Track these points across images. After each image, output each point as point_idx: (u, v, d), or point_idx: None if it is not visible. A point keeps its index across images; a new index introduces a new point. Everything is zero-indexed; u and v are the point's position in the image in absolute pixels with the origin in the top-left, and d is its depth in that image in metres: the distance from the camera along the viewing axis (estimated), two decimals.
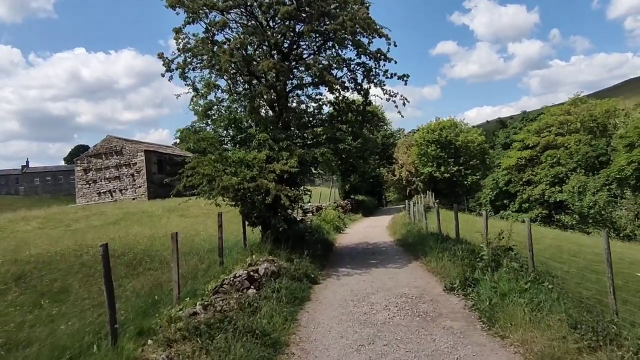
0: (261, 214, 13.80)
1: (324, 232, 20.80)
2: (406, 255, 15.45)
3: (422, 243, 15.92)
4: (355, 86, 15.53)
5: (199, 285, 10.05)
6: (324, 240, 17.75)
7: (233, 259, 12.34)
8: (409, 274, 12.19)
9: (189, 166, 13.67)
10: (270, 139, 12.99)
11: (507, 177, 59.80)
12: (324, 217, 25.40)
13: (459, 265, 10.91)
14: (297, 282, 10.61)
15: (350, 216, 32.95)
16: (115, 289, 11.34)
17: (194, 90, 14.20)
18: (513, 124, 73.23)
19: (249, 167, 12.89)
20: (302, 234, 15.76)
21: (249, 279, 9.47)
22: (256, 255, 12.30)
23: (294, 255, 13.39)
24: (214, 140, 13.70)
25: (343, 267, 13.80)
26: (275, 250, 13.31)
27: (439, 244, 14.05)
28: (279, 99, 14.38)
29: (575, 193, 41.39)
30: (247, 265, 11.07)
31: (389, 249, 17.51)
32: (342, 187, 38.77)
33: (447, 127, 46.11)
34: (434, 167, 45.26)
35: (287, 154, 12.80)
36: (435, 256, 12.88)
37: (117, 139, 45.94)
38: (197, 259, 13.04)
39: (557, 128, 55.68)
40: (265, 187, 12.26)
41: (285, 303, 8.84)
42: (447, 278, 10.62)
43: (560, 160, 52.67)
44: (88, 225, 26.60)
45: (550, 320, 6.55)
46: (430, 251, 13.66)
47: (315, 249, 14.83)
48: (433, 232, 18.01)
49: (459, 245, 13.13)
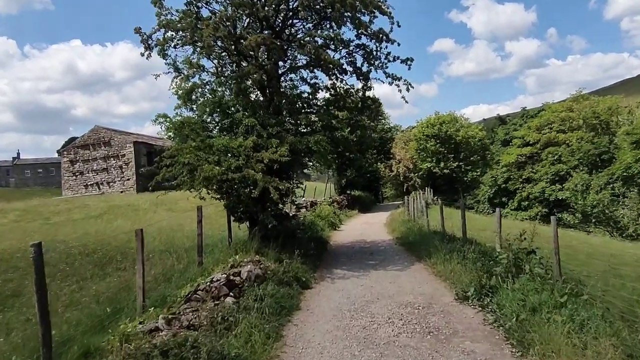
0: (248, 208, 12.40)
1: (319, 228, 19.41)
2: (408, 256, 14.08)
3: (425, 242, 14.56)
4: (354, 70, 14.11)
5: (171, 290, 8.65)
6: (318, 238, 16.34)
7: (214, 258, 10.95)
8: (412, 277, 10.80)
9: (168, 154, 12.25)
10: (258, 124, 11.56)
11: (506, 174, 58.56)
12: (319, 212, 24.01)
13: (471, 270, 9.53)
14: (286, 287, 9.20)
15: (346, 212, 31.57)
16: (75, 292, 10.00)
17: (176, 70, 12.74)
18: (513, 121, 71.96)
19: (235, 156, 11.48)
20: (294, 231, 14.34)
21: (228, 285, 8.05)
22: (241, 255, 10.92)
23: (284, 254, 12.02)
24: (197, 125, 12.23)
25: (338, 269, 12.42)
26: (263, 249, 11.92)
27: (445, 244, 12.69)
28: (269, 81, 12.94)
29: (579, 191, 40.12)
30: (229, 267, 9.67)
31: (389, 249, 16.13)
32: (338, 181, 37.35)
33: (447, 121, 44.66)
34: (433, 162, 43.85)
35: (277, 141, 11.39)
36: (442, 258, 11.51)
37: (105, 130, 44.23)
38: (175, 258, 11.65)
39: (559, 125, 54.44)
40: (252, 178, 10.85)
41: (269, 314, 7.43)
42: (457, 284, 9.25)
43: (562, 157, 51.44)
44: (68, 218, 25.10)
45: (599, 346, 5.17)
46: (435, 252, 12.29)
47: (307, 248, 13.45)
48: (436, 230, 16.68)
49: (468, 246, 11.78)
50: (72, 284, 10.11)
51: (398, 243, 17.25)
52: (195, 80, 12.66)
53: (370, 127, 31.93)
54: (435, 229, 16.86)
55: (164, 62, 12.63)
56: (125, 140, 42.72)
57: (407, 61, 14.26)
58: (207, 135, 12.14)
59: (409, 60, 14.26)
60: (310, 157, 14.84)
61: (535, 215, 51.06)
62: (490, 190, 58.49)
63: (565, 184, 49.73)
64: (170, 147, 12.35)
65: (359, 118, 14.99)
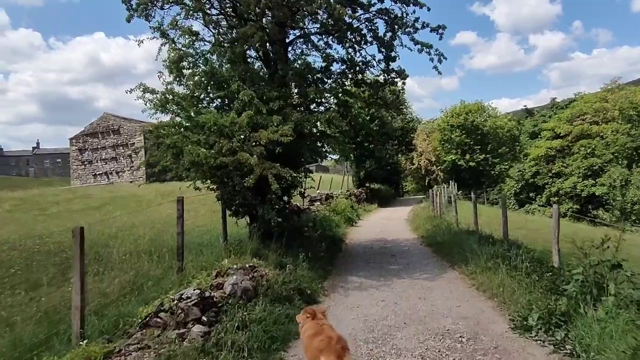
0: (245, 201, 10.29)
1: (333, 225, 17.21)
2: (437, 260, 11.82)
3: (457, 244, 12.27)
4: (375, 37, 11.86)
5: (133, 307, 6.59)
6: (331, 237, 14.08)
7: (200, 263, 8.87)
8: (447, 291, 8.55)
9: (153, 135, 10.24)
10: (257, 98, 9.39)
11: (534, 168, 55.58)
12: (334, 207, 21.80)
13: (527, 286, 7.27)
14: (284, 305, 7.05)
15: (365, 206, 29.30)
16: (18, 305, 8.03)
17: (162, 36, 10.66)
18: (541, 112, 68.46)
19: (228, 137, 9.36)
20: (302, 229, 12.15)
21: (203, 304, 5.92)
22: (233, 258, 8.84)
23: (288, 257, 9.94)
24: (185, 101, 10.11)
25: (354, 276, 10.26)
26: (262, 251, 9.84)
27: (485, 247, 10.40)
28: (273, 46, 10.79)
29: (617, 187, 37.12)
30: (214, 275, 7.59)
31: (413, 250, 13.87)
32: (356, 174, 34.99)
33: (474, 111, 41.77)
34: (457, 154, 41.07)
35: (280, 118, 9.20)
36: (483, 266, 9.24)
37: (115, 117, 42.57)
38: (156, 261, 9.61)
39: (592, 116, 51.22)
40: (247, 163, 8.70)
41: (254, 350, 5.31)
42: (510, 305, 7.01)
43: (595, 150, 48.32)
44: (66, 209, 23.43)
45: None
46: (472, 257, 10.02)
47: (318, 249, 11.32)
48: (468, 229, 14.35)
49: (514, 250, 9.49)
50: (21, 291, 8.14)
51: (424, 243, 14.97)
52: (185, 47, 10.60)
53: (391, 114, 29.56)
54: (468, 228, 14.53)
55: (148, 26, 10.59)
56: (135, 129, 41.02)
57: (439, 29, 11.98)
58: (197, 111, 10.00)
59: (440, 29, 11.98)
60: (323, 142, 12.62)
61: (566, 211, 48.15)
62: (517, 184, 55.59)
63: (598, 179, 46.73)
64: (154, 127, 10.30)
65: (380, 95, 12.68)
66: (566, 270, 6.92)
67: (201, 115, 9.20)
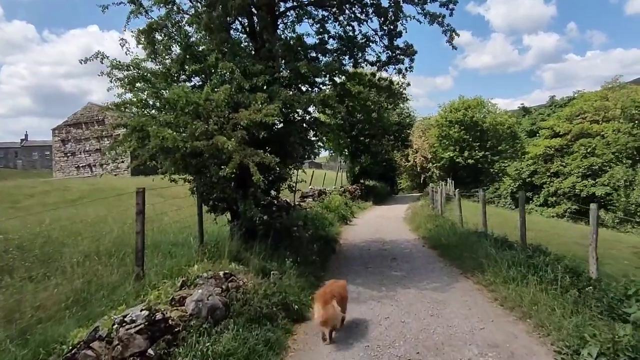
0: (225, 195, 8.78)
1: (326, 223, 15.71)
2: (445, 266, 10.35)
3: (466, 247, 10.85)
4: (376, 11, 10.35)
5: (66, 329, 5.07)
6: (324, 237, 12.52)
7: (168, 267, 7.35)
8: (464, 306, 7.06)
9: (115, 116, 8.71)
10: (238, 72, 7.84)
11: (532, 167, 54.34)
12: (328, 203, 20.29)
13: (566, 304, 5.83)
14: (264, 326, 5.55)
15: (359, 204, 27.77)
16: None
17: (131, 1, 9.10)
18: (539, 110, 67.23)
19: (203, 117, 7.83)
20: (291, 227, 10.61)
21: (149, 331, 4.40)
22: (206, 263, 7.34)
23: (274, 261, 8.47)
24: (156, 76, 8.54)
25: (350, 283, 8.72)
26: (243, 254, 8.35)
27: (502, 252, 8.96)
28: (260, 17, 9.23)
29: (622, 187, 35.85)
30: (179, 286, 6.07)
31: (416, 252, 12.39)
32: (350, 169, 33.39)
33: (474, 106, 40.24)
34: (456, 151, 39.55)
35: (265, 96, 7.67)
36: (505, 275, 7.80)
37: (99, 107, 40.72)
38: (116, 264, 8.07)
39: (593, 115, 49.97)
40: (224, 148, 7.16)
41: None
42: (551, 329, 5.54)
43: (596, 150, 47.08)
44: (40, 202, 21.69)
45: None
46: (489, 264, 8.59)
47: (309, 251, 9.84)
48: (477, 230, 12.91)
49: (540, 257, 8.07)
50: None
51: (427, 245, 13.50)
52: (161, 19, 9.01)
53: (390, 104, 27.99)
54: (476, 228, 13.10)
55: None
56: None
57: (449, 4, 10.46)
58: (166, 87, 8.41)
59: (450, 3, 10.47)
60: (316, 131, 11.09)
61: (564, 212, 47.00)
62: (514, 184, 54.33)
63: (599, 179, 45.57)
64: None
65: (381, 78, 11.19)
66: (611, 283, 5.49)
67: (170, 91, 7.63)
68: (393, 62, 10.37)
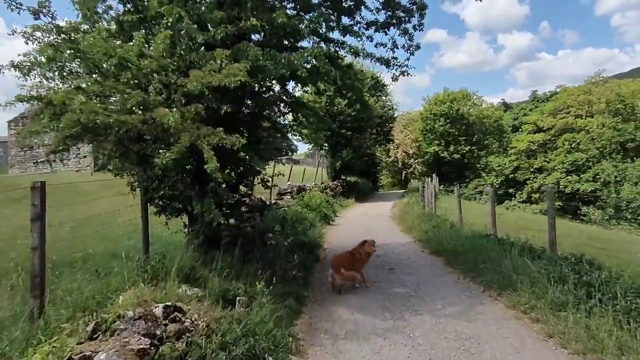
0: (174, 191, 6.61)
1: (307, 224, 13.58)
2: (458, 279, 8.28)
3: (481, 254, 8.87)
4: None
5: None
6: (306, 243, 10.24)
7: (83, 297, 5.14)
8: (509, 348, 4.97)
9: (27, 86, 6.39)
10: (188, 19, 5.63)
11: (515, 162, 53.21)
12: (308, 201, 18.16)
13: None
14: None
15: (341, 201, 25.68)
16: None
17: None
18: (521, 105, 66.32)
19: (143, 85, 5.63)
20: (265, 233, 8.40)
21: None
22: (143, 288, 5.19)
23: (242, 279, 6.36)
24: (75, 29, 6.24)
25: (342, 306, 6.71)
26: (199, 271, 6.24)
27: (537, 264, 6.99)
28: None
29: (612, 182, 34.61)
30: (89, 333, 3.89)
31: (416, 259, 10.35)
32: (331, 164, 31.21)
33: (459, 98, 38.45)
34: (441, 145, 37.73)
35: (227, 53, 5.47)
36: (550, 297, 5.82)
37: None
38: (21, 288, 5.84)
39: (577, 109, 49.00)
40: (165, 123, 4.96)
41: None
42: None
43: (580, 145, 46.08)
44: None
45: None
46: (522, 279, 6.62)
47: (288, 263, 7.73)
48: (486, 232, 10.94)
49: (597, 273, 6.13)
50: None
51: (427, 249, 11.48)
52: None
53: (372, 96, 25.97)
54: (485, 230, 11.14)
55: None
56: None
57: None
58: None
59: None
60: (297, 113, 8.94)
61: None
62: (496, 179, 53.05)
63: (582, 174, 44.59)
64: None
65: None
66: None
67: (85, 41, 5.37)
68: (395, 23, 8.21)
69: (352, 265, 7.68)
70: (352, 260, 7.77)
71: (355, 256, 7.90)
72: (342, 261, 7.61)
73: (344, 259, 7.73)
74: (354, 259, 7.85)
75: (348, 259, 7.76)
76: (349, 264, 7.61)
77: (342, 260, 7.65)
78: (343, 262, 7.59)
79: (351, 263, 7.70)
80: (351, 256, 7.88)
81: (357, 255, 7.91)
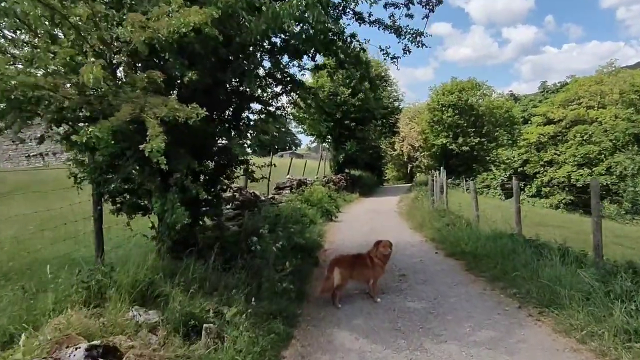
0: (129, 184, 5.26)
1: (306, 221, 12.18)
2: (484, 289, 6.84)
3: (509, 259, 7.48)
4: None
5: None
6: (301, 246, 8.77)
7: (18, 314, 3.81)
8: None
9: None
10: None
11: (524, 156, 51.68)
12: (308, 196, 16.79)
13: None
14: None
15: (345, 196, 24.28)
16: None
17: None
18: (530, 97, 64.61)
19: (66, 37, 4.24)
20: (250, 236, 6.95)
21: None
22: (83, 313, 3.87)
23: (217, 295, 5.01)
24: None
25: (343, 329, 5.33)
26: (160, 285, 4.85)
27: (588, 274, 5.58)
28: None
29: (629, 175, 33.02)
30: None
31: (430, 263, 8.94)
32: (334, 157, 29.76)
33: (468, 88, 36.84)
34: (449, 137, 36.18)
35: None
36: (616, 323, 4.43)
37: None
38: None
39: (588, 100, 47.31)
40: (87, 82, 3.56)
41: None
42: None
43: (593, 137, 44.48)
44: None
45: None
46: (571, 295, 5.23)
47: (277, 273, 6.33)
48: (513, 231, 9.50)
49: None
50: None
51: (441, 251, 10.06)
52: None
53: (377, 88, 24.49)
54: (511, 229, 9.72)
55: None
56: None
57: None
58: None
59: None
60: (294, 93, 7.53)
61: (559, 203, 44.44)
62: (504, 173, 51.52)
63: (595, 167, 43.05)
64: None
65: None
66: None
67: None
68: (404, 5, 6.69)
69: (353, 270, 6.43)
70: (359, 265, 6.51)
71: (364, 260, 6.57)
72: (342, 263, 6.38)
73: (345, 261, 6.45)
74: (363, 263, 6.54)
75: (350, 262, 6.46)
76: (351, 269, 6.41)
77: (342, 263, 6.40)
78: (343, 264, 6.36)
79: (358, 268, 6.48)
80: (355, 259, 6.60)
81: (369, 261, 6.55)
